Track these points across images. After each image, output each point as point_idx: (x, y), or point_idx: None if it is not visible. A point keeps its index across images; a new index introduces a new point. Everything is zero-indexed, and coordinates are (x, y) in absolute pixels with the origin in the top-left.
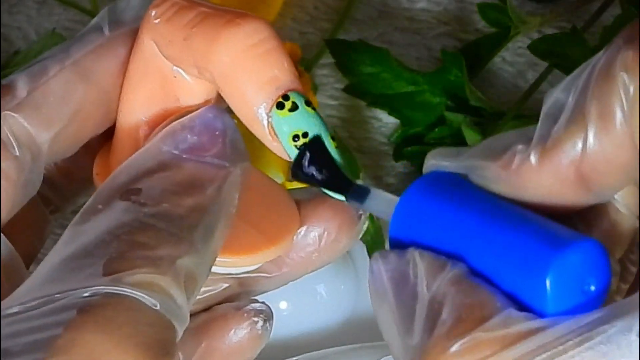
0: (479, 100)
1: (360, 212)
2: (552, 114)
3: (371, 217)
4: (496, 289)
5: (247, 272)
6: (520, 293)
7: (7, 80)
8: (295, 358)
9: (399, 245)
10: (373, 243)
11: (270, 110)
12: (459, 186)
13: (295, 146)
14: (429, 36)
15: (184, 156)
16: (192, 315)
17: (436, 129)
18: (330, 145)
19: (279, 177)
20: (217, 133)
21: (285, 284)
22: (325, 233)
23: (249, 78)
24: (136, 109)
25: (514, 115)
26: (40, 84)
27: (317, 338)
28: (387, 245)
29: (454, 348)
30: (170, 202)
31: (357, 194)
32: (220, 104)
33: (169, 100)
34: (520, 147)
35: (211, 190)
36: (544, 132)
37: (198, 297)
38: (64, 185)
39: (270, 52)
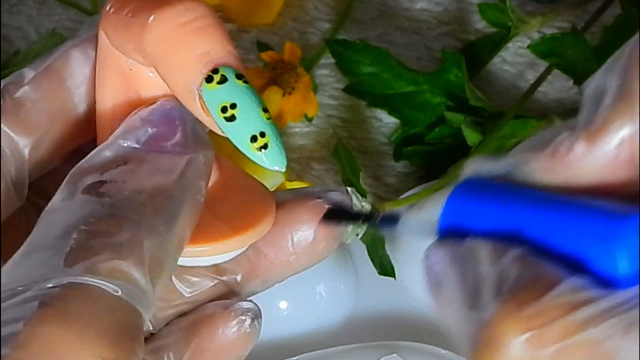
0: (479, 100)
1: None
2: (594, 97)
3: None
4: (559, 262)
5: (219, 264)
6: (588, 264)
7: None
8: (295, 358)
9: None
10: (373, 243)
11: (200, 85)
12: (504, 184)
13: (224, 117)
14: (429, 36)
15: (145, 148)
16: (181, 315)
17: (436, 129)
18: (261, 118)
19: (279, 177)
20: (176, 122)
21: (270, 286)
22: (303, 236)
23: (179, 55)
24: (105, 105)
25: (515, 115)
26: (16, 91)
27: (317, 338)
28: (387, 245)
29: (525, 313)
30: (130, 191)
31: (387, 221)
32: None
33: (130, 94)
34: (565, 134)
35: (173, 175)
36: (589, 116)
37: (186, 296)
38: None
39: (203, 29)
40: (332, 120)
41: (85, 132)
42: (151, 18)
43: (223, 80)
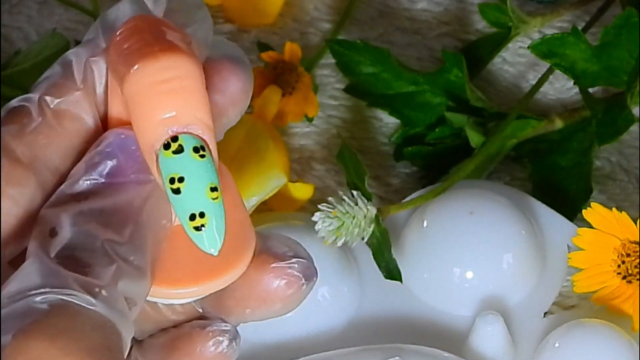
0: (479, 100)
1: (303, 282)
2: None
3: (377, 220)
4: None
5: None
6: None
7: (21, 101)
8: None
9: None
10: (379, 246)
11: (158, 149)
12: None
13: (171, 188)
14: (430, 36)
15: (108, 181)
16: (161, 331)
17: (437, 129)
18: (205, 197)
19: (282, 178)
20: (132, 148)
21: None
22: (261, 295)
23: (148, 112)
24: (113, 120)
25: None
26: (53, 105)
27: (320, 340)
28: (393, 249)
29: None
30: (100, 223)
31: None
32: None
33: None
34: None
35: (137, 202)
36: None
37: (172, 318)
38: None
39: (177, 91)
40: (333, 120)
41: None
42: (135, 67)
43: (179, 150)
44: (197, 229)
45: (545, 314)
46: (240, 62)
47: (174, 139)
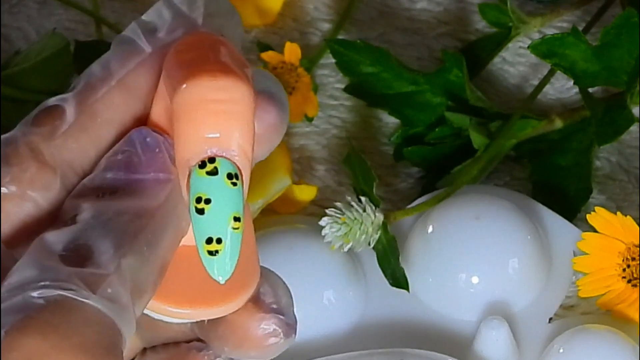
0: (479, 100)
1: (281, 338)
2: None
3: (384, 227)
4: None
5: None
6: None
7: (56, 101)
8: None
9: None
10: (385, 253)
11: (194, 165)
12: None
13: (195, 207)
14: (430, 36)
15: (127, 177)
16: (161, 346)
17: (437, 129)
18: (226, 224)
19: (286, 180)
20: (156, 150)
21: None
22: (237, 341)
23: (193, 127)
24: (153, 124)
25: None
26: (88, 106)
27: (325, 344)
28: (400, 255)
29: None
30: (114, 212)
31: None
32: None
33: (171, 124)
34: None
35: (157, 200)
36: None
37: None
38: None
39: (226, 114)
40: (333, 120)
41: None
42: (190, 80)
43: (213, 172)
44: (211, 253)
45: (550, 319)
46: (278, 99)
47: (211, 160)
